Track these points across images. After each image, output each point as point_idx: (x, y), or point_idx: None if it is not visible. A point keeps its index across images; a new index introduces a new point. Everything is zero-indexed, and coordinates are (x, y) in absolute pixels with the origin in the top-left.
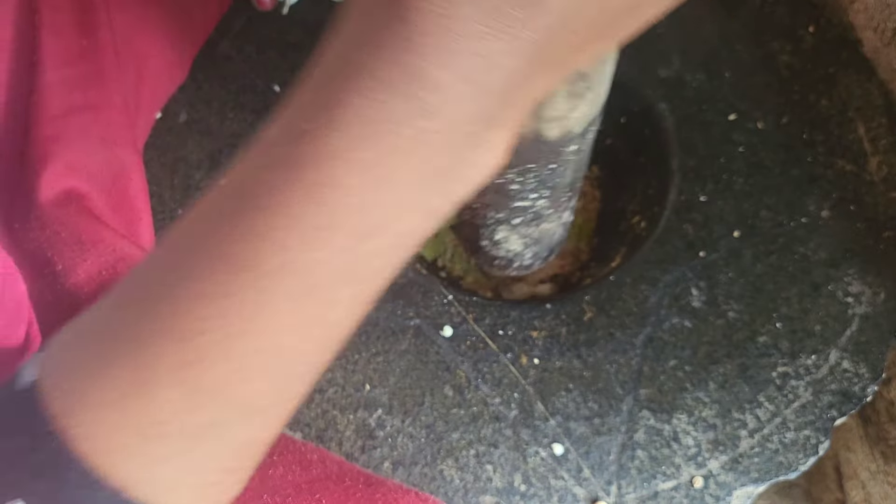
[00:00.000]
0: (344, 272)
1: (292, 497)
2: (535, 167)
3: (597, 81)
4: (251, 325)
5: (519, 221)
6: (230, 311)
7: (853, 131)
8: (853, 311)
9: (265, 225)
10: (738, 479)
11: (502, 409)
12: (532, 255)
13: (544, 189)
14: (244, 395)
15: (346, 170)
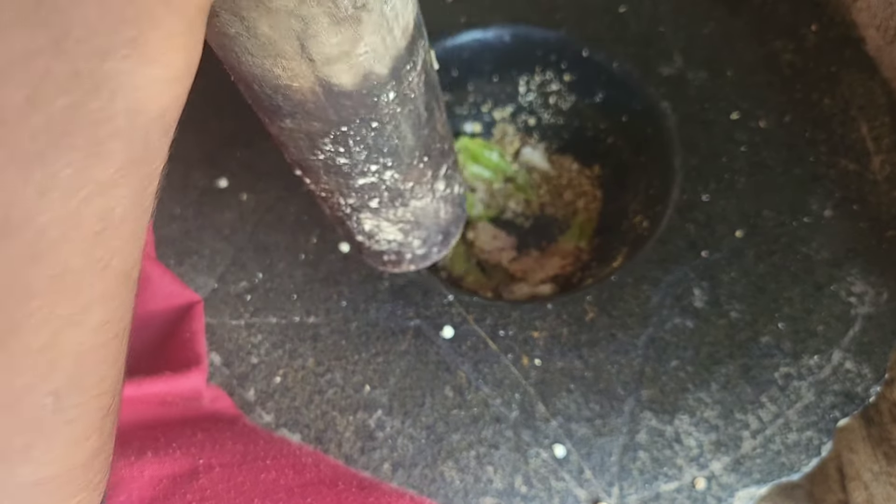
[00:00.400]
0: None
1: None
2: (349, 129)
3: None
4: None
5: (377, 204)
6: None
7: (856, 130)
8: (856, 312)
9: None
10: (741, 481)
11: (503, 409)
12: (422, 243)
13: (382, 157)
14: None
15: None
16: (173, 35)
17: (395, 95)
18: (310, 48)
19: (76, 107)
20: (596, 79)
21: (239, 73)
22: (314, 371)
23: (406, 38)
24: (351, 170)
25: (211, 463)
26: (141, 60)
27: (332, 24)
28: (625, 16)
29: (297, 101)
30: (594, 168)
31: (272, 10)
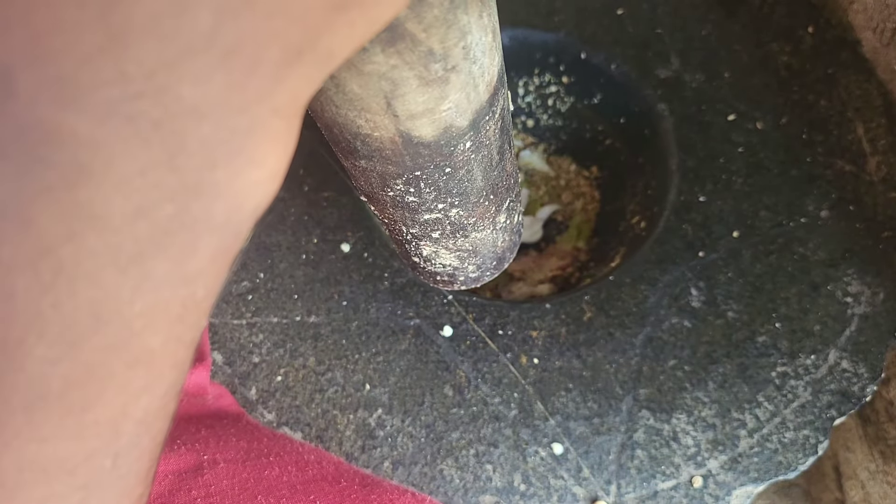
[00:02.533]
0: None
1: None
2: (422, 174)
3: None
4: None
5: (439, 235)
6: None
7: (852, 131)
8: (852, 311)
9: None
10: (738, 479)
11: (502, 408)
12: (476, 268)
13: (450, 197)
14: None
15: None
16: (277, 138)
17: (472, 144)
18: (395, 106)
19: (179, 213)
20: (594, 81)
21: (320, 118)
22: (315, 370)
23: (489, 92)
24: (418, 207)
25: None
26: (245, 166)
27: (420, 85)
28: (623, 18)
29: (376, 147)
30: (592, 169)
31: (364, 73)
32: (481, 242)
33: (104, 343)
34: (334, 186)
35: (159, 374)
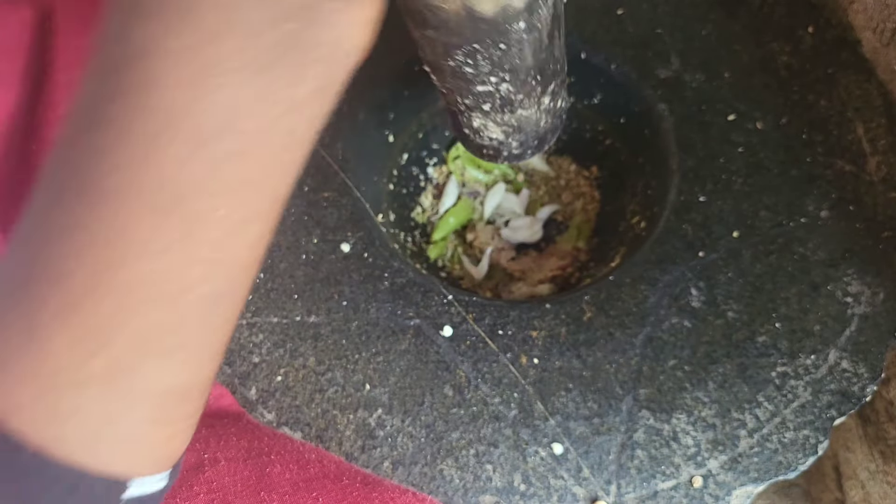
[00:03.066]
0: (200, 182)
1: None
2: (480, 48)
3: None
4: (115, 254)
5: (489, 108)
6: (91, 244)
7: (852, 132)
8: (852, 311)
9: (97, 145)
10: (738, 479)
11: (502, 408)
12: (519, 145)
13: (501, 72)
14: (138, 332)
15: (162, 63)
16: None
17: (525, 25)
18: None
19: (298, 32)
20: (594, 81)
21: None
22: (315, 370)
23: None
24: (473, 78)
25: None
26: (348, 5)
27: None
28: (623, 18)
29: (443, 18)
30: (592, 169)
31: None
32: (526, 120)
33: (217, 152)
34: (334, 186)
35: (254, 215)
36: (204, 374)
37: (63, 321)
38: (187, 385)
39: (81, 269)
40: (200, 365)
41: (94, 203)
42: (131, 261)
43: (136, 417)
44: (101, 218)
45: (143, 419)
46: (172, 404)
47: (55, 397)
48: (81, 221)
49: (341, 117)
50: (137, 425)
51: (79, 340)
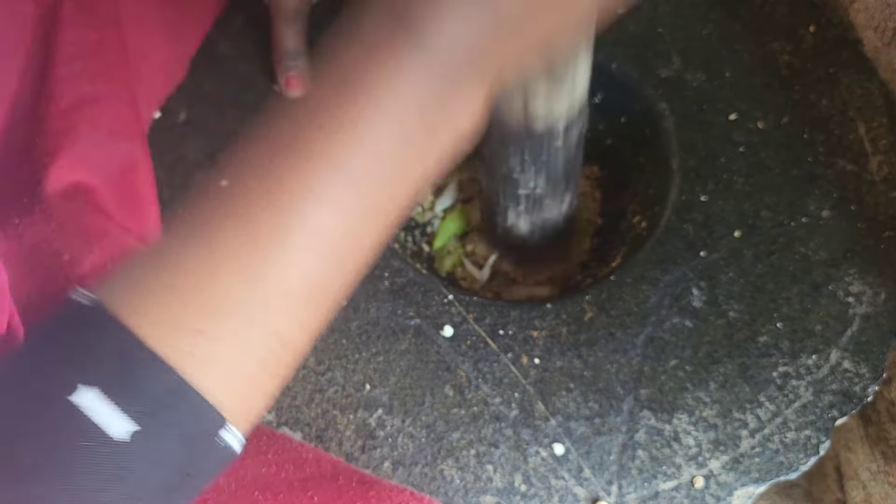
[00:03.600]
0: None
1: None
2: (529, 157)
3: (570, 84)
4: (299, 204)
5: (524, 207)
6: (276, 191)
7: (854, 131)
8: (854, 311)
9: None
10: (739, 479)
11: (503, 408)
12: (539, 239)
13: (540, 176)
14: (290, 274)
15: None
16: (484, 89)
17: (562, 142)
18: (528, 105)
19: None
20: (595, 80)
21: None
22: (315, 370)
23: (578, 109)
24: (519, 180)
25: None
26: (468, 102)
27: (546, 94)
28: (623, 17)
29: (507, 131)
30: (593, 169)
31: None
32: (548, 219)
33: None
34: None
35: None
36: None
37: (235, 254)
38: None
39: (267, 211)
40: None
41: (292, 160)
42: (308, 211)
43: (254, 353)
44: (294, 171)
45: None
46: (279, 352)
47: (202, 319)
48: (276, 173)
49: None
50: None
51: (241, 274)
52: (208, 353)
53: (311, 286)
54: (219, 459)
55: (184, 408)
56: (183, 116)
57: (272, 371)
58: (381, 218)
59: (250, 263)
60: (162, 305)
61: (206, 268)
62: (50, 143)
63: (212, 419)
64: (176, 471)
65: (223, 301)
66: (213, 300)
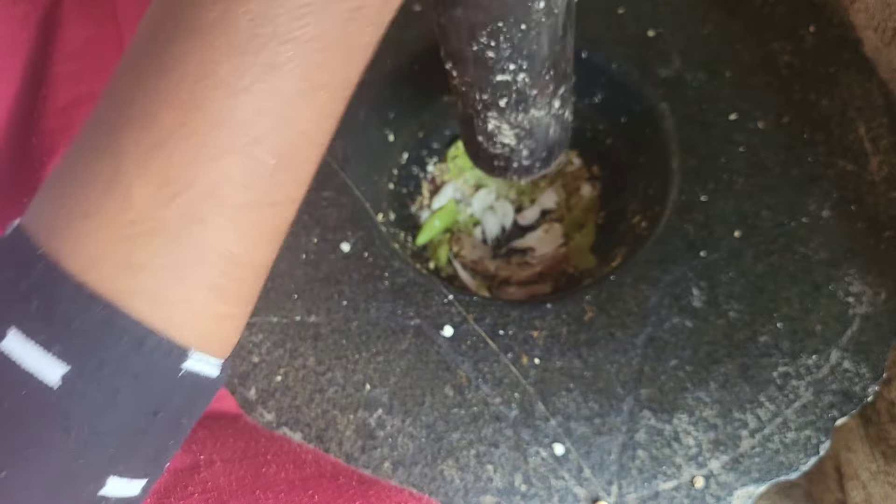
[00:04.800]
0: (279, 30)
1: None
2: (503, 25)
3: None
4: (202, 93)
5: (504, 104)
6: (180, 82)
7: (854, 131)
8: (854, 311)
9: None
10: (739, 479)
11: (503, 408)
12: (529, 154)
13: (520, 58)
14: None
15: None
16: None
17: (544, 6)
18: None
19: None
20: (595, 80)
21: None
22: (315, 370)
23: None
24: (494, 65)
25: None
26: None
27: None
28: (624, 17)
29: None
30: (593, 168)
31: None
32: (537, 123)
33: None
34: (334, 186)
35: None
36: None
37: (145, 165)
38: (245, 260)
39: (169, 108)
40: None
41: (186, 43)
42: (218, 99)
43: (199, 278)
44: (190, 56)
45: (205, 283)
46: (231, 275)
47: (130, 247)
48: (172, 61)
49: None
50: (199, 289)
51: (158, 185)
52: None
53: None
54: (192, 391)
55: (124, 342)
56: None
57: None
58: (319, 91)
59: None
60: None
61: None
62: (47, 142)
63: (165, 350)
64: (136, 411)
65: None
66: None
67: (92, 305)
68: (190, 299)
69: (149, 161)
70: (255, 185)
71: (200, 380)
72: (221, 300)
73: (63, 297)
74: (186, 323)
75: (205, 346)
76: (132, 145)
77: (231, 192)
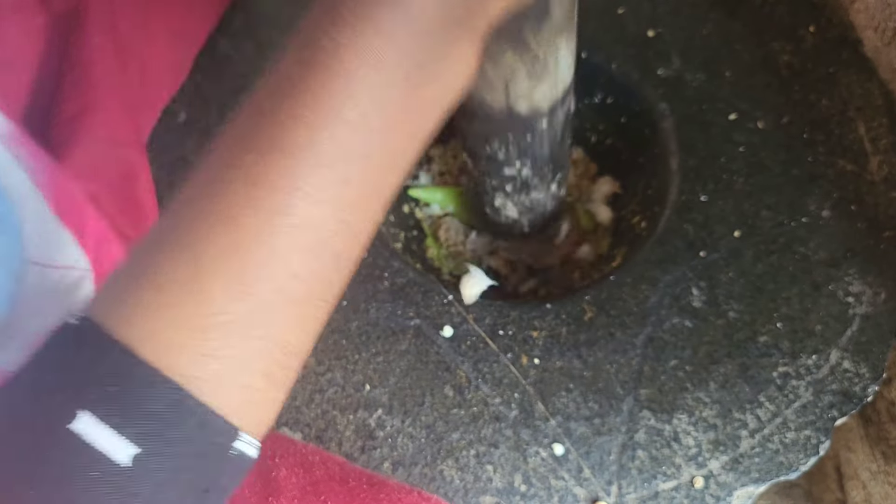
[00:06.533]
0: (355, 151)
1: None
2: (512, 137)
3: (552, 67)
4: (284, 201)
5: (511, 189)
6: (266, 192)
7: (854, 131)
8: (854, 311)
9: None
10: (739, 480)
11: (502, 409)
12: (528, 223)
13: (525, 158)
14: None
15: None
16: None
17: (547, 123)
18: (509, 88)
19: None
20: (595, 80)
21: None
22: (315, 370)
23: (563, 92)
24: (503, 162)
25: None
26: (465, 49)
27: (526, 77)
28: (623, 17)
29: (488, 114)
30: (591, 167)
31: (498, 63)
32: (537, 202)
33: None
34: None
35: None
36: (309, 340)
37: (224, 263)
38: (297, 349)
39: (252, 214)
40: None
41: (273, 158)
42: (296, 208)
43: (260, 366)
44: (276, 169)
45: (263, 370)
46: (284, 364)
47: (203, 338)
48: (258, 173)
49: None
50: (258, 375)
51: (233, 283)
52: (209, 373)
53: (306, 286)
54: (236, 470)
55: (190, 423)
56: (183, 116)
57: (279, 380)
58: (373, 200)
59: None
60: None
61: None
62: (53, 153)
63: (222, 431)
64: (191, 489)
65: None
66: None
67: (165, 389)
68: (248, 385)
69: (228, 262)
70: (315, 282)
71: (244, 459)
72: (273, 386)
73: (138, 380)
74: (241, 406)
75: (250, 428)
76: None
77: (296, 288)
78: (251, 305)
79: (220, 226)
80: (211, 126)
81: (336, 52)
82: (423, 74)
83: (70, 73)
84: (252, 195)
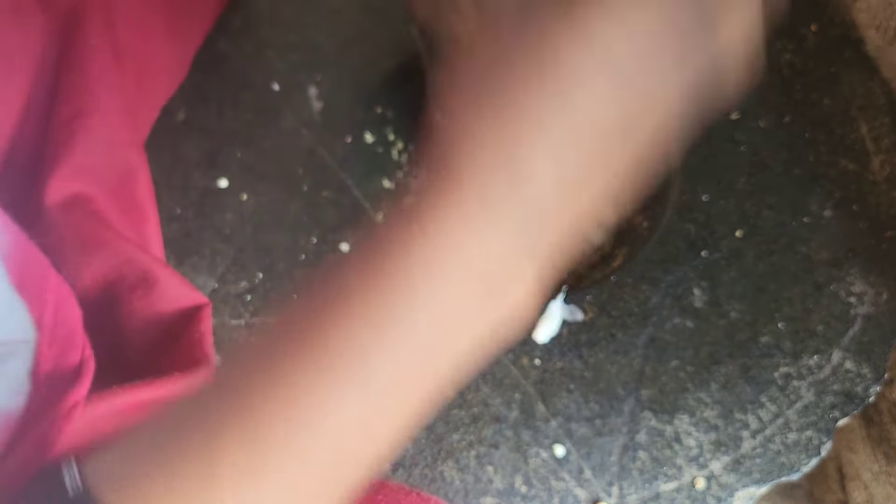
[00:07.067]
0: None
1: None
2: None
3: None
4: (313, 421)
5: None
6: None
7: (856, 130)
8: (856, 311)
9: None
10: (741, 480)
11: (503, 409)
12: None
13: None
14: (298, 496)
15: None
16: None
17: None
18: None
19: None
20: None
21: None
22: None
23: None
24: None
25: None
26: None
27: None
28: None
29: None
30: None
31: None
32: None
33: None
34: (333, 186)
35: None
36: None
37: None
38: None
39: (278, 428)
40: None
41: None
42: (322, 425)
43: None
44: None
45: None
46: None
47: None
48: (290, 382)
49: (341, 115)
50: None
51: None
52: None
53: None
54: None
55: None
56: (182, 116)
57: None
58: (403, 418)
59: (250, 482)
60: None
61: (206, 479)
62: (51, 154)
63: None
64: None
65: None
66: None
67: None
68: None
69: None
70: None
71: None
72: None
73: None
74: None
75: None
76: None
77: (306, 483)
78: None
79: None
80: (210, 126)
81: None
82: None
83: (68, 74)
84: (278, 403)
